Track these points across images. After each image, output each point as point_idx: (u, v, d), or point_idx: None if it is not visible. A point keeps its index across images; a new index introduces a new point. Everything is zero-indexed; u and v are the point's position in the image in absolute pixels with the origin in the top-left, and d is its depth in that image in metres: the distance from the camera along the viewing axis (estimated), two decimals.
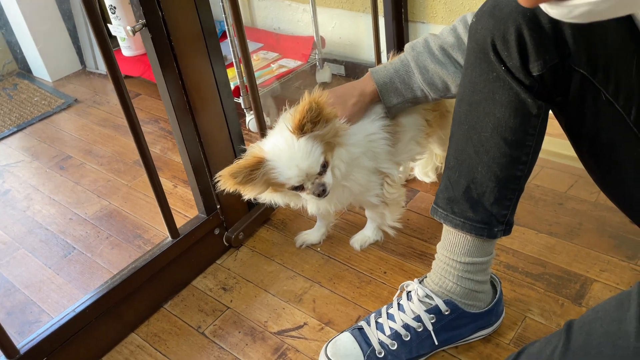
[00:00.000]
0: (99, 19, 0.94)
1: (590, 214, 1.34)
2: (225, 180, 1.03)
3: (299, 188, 1.07)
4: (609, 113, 0.79)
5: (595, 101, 0.79)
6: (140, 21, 1.03)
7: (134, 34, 0.99)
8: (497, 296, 1.06)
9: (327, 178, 1.07)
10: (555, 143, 1.32)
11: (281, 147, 1.04)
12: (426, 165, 1.48)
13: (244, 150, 1.11)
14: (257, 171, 1.03)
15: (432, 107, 1.24)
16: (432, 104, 1.23)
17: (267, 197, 1.14)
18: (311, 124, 1.02)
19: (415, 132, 1.24)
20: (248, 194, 1.09)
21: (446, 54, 1.06)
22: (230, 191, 1.06)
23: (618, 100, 0.78)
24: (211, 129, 1.25)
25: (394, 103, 1.14)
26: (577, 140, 0.88)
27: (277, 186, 1.08)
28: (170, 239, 1.25)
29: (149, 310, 1.25)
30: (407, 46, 1.12)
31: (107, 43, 0.95)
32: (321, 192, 1.06)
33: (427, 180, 1.51)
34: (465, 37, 1.01)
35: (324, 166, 1.06)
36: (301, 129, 1.02)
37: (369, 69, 1.16)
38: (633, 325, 0.67)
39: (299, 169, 1.03)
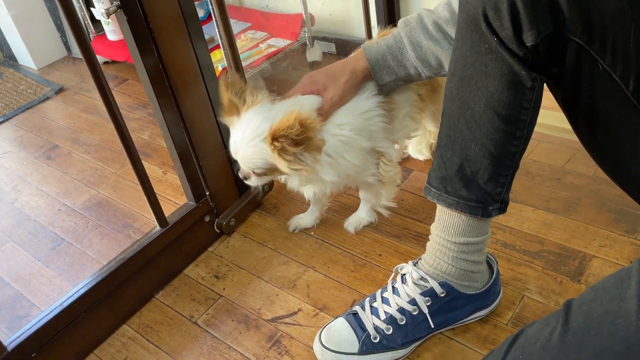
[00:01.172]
0: (69, 3, 0.89)
1: (589, 188, 1.31)
2: (222, 83, 1.07)
3: None
4: (606, 84, 0.75)
5: (592, 72, 0.76)
6: (115, 2, 0.98)
7: (108, 16, 0.94)
8: (493, 276, 1.03)
9: (252, 181, 1.11)
10: (552, 116, 1.28)
11: (247, 127, 1.03)
12: (420, 143, 1.45)
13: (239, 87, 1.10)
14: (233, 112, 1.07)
15: (424, 82, 1.21)
16: None
17: None
18: (287, 141, 0.96)
19: (409, 108, 1.21)
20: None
21: (440, 30, 1.02)
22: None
23: (615, 70, 0.74)
24: (196, 113, 1.21)
25: (387, 81, 1.10)
26: (573, 113, 0.85)
27: None
28: (158, 228, 1.22)
29: (140, 301, 1.22)
30: (400, 22, 1.08)
31: (79, 26, 0.91)
32: (242, 178, 1.11)
33: (421, 157, 1.48)
34: None
35: (263, 174, 1.07)
36: (274, 139, 0.97)
37: (361, 45, 1.12)
38: (634, 304, 0.65)
39: (237, 154, 1.06)
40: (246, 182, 1.12)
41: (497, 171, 0.88)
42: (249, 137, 1.02)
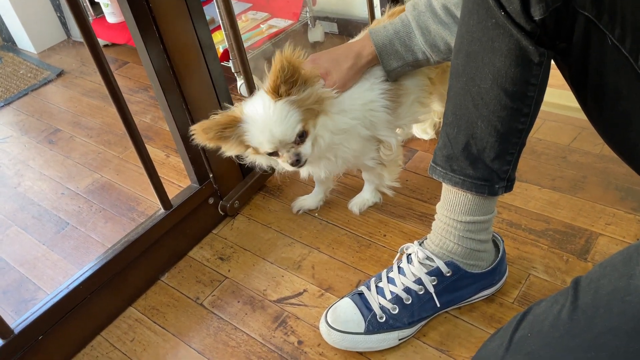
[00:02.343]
0: None
1: (595, 167, 1.30)
2: (198, 135, 1.01)
3: (275, 154, 1.03)
4: (615, 59, 0.74)
5: (601, 46, 0.74)
6: None
7: None
8: (499, 255, 1.03)
9: (305, 149, 1.03)
10: (557, 94, 1.27)
11: (257, 110, 1.00)
12: (424, 122, 1.43)
13: (227, 108, 1.07)
14: (230, 130, 1.00)
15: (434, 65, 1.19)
16: None
17: (251, 157, 1.11)
18: (286, 86, 0.97)
19: (419, 93, 1.19)
20: (226, 151, 1.07)
21: (449, 14, 1.00)
22: (209, 146, 1.04)
23: (624, 44, 0.73)
24: (198, 95, 1.20)
25: (394, 67, 1.09)
26: (580, 89, 0.83)
27: (253, 148, 1.05)
28: (163, 210, 1.21)
29: (146, 283, 1.22)
30: (408, 5, 1.06)
31: (79, 8, 0.90)
32: (295, 162, 1.02)
33: (426, 137, 1.46)
34: None
35: (302, 135, 1.02)
36: (277, 92, 0.97)
37: (368, 30, 1.10)
38: None
39: (272, 135, 0.99)
40: (300, 164, 1.03)
41: (504, 149, 0.87)
42: (266, 112, 0.99)
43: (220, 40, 1.80)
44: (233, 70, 1.73)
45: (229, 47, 1.68)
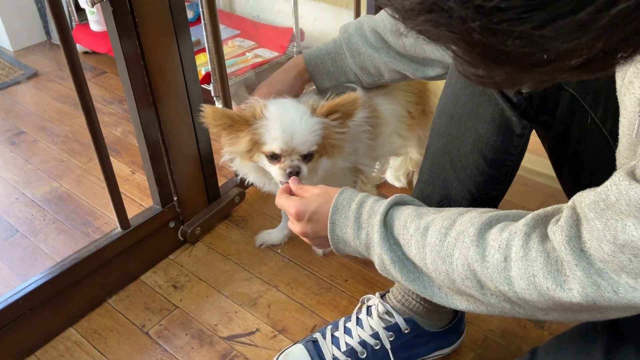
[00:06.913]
0: None
1: None
2: (207, 116, 0.97)
3: (275, 157, 0.99)
4: (595, 136, 0.75)
5: (582, 123, 0.75)
6: None
7: (92, 5, 0.90)
8: (459, 314, 1.01)
9: (304, 170, 0.99)
10: (527, 159, 1.28)
11: (288, 111, 0.98)
12: (399, 169, 1.43)
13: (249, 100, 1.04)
14: (240, 130, 0.98)
15: (416, 100, 1.19)
16: (415, 97, 1.18)
17: (239, 163, 1.07)
18: (337, 115, 0.98)
19: (397, 124, 1.19)
20: (229, 144, 1.02)
21: (379, 38, 1.01)
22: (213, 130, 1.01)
23: (605, 124, 0.74)
24: (173, 114, 1.17)
25: (327, 86, 1.09)
26: (559, 161, 0.84)
27: (257, 146, 0.99)
28: (119, 229, 1.16)
29: (91, 304, 1.16)
30: (341, 27, 1.07)
31: (60, 10, 0.87)
32: (292, 172, 0.97)
33: (398, 184, 1.46)
34: None
35: (309, 156, 0.99)
36: (326, 114, 0.98)
37: (303, 52, 1.10)
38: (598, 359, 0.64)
39: (292, 138, 0.96)
40: (289, 179, 0.97)
41: None
42: (299, 117, 0.97)
43: (204, 63, 1.78)
44: (212, 94, 1.70)
45: (212, 71, 1.66)
